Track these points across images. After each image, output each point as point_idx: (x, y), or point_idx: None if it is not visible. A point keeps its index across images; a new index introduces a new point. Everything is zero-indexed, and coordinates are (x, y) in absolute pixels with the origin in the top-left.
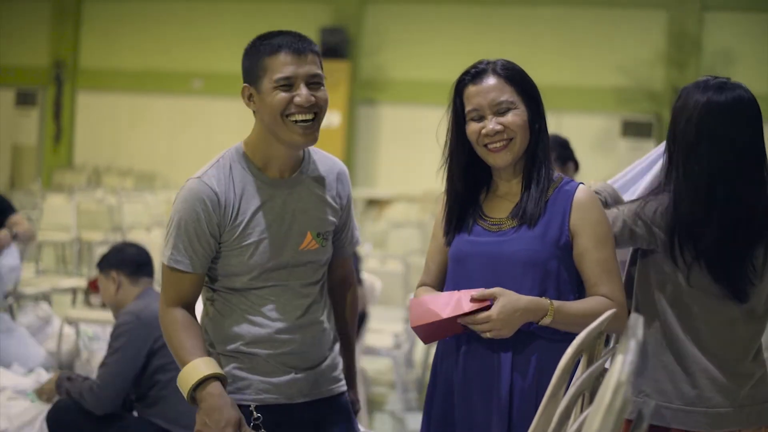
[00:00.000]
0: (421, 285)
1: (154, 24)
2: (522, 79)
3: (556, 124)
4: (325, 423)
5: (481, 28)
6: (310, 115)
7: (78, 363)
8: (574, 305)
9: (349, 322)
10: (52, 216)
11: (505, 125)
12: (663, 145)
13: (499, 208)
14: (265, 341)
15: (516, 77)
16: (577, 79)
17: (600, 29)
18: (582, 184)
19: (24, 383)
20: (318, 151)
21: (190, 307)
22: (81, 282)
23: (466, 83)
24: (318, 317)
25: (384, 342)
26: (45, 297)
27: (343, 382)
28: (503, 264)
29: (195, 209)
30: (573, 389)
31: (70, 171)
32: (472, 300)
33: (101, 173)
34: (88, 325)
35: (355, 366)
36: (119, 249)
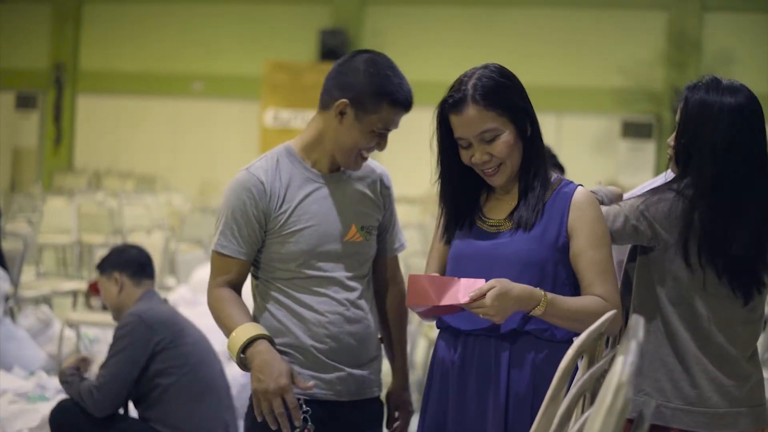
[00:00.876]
0: None
1: (153, 27)
2: (502, 97)
3: (556, 124)
4: (363, 426)
5: (481, 29)
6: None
7: None
8: (567, 300)
9: (401, 323)
10: (52, 219)
11: (493, 154)
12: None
13: (499, 209)
14: (315, 335)
15: (495, 99)
16: (577, 80)
17: (600, 30)
18: (581, 186)
19: (25, 386)
20: None
21: (236, 291)
22: (81, 285)
23: (447, 110)
24: (365, 315)
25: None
26: (45, 300)
27: (380, 387)
28: (501, 265)
29: (241, 198)
30: (574, 390)
31: (70, 174)
32: (468, 299)
33: (101, 176)
34: (88, 328)
35: (407, 369)
36: (121, 250)
